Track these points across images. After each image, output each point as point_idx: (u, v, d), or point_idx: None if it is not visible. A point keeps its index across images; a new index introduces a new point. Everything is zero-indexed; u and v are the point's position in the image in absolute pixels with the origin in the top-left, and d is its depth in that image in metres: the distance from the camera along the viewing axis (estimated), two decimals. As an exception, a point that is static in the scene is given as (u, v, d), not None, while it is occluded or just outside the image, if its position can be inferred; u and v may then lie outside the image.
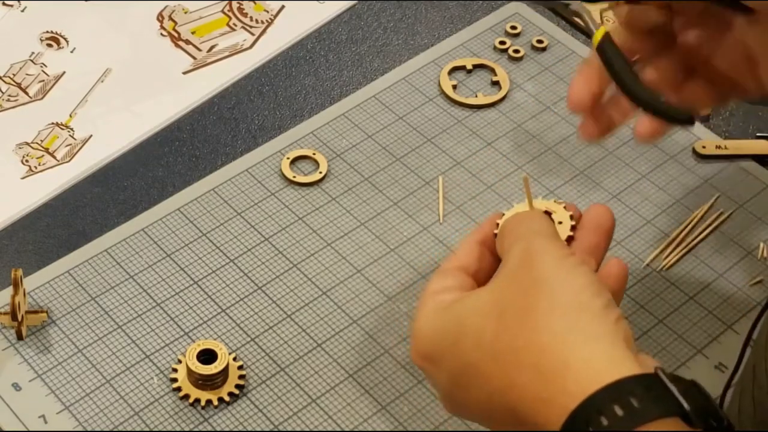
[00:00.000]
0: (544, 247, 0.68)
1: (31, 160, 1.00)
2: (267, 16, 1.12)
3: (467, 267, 0.73)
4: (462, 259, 0.73)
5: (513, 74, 1.08)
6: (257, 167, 1.00)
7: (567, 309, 0.64)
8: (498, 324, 0.65)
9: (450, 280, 0.72)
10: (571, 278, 0.66)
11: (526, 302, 0.65)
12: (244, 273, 0.93)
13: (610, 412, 0.60)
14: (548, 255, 0.67)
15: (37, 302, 0.90)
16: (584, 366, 0.62)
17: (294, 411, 0.85)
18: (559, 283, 0.65)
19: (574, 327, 0.63)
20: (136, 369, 0.87)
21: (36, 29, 1.10)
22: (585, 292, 0.65)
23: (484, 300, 0.68)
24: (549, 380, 0.62)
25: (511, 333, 0.65)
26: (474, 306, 0.68)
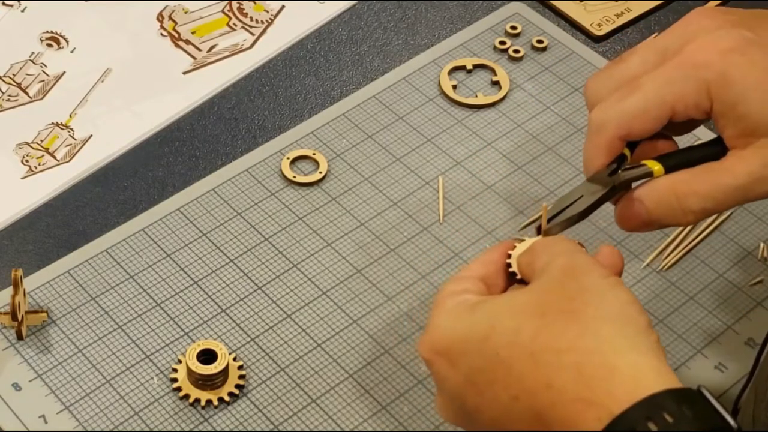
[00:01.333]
0: (587, 262, 0.68)
1: (31, 160, 1.00)
2: (267, 16, 1.12)
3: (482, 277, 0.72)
4: (478, 271, 0.73)
5: (513, 74, 1.08)
6: (257, 167, 1.00)
7: (615, 318, 0.64)
8: (539, 324, 0.65)
9: (469, 284, 0.71)
10: (617, 293, 0.66)
11: (571, 306, 0.65)
12: (244, 273, 0.93)
13: (659, 418, 0.60)
14: (593, 269, 0.67)
15: (37, 302, 0.90)
16: (632, 372, 0.62)
17: (294, 411, 0.85)
18: (607, 294, 0.66)
19: (621, 335, 0.64)
20: (136, 369, 0.87)
21: (36, 29, 1.10)
22: (631, 307, 0.65)
23: (522, 301, 0.67)
24: (593, 382, 0.62)
25: (553, 334, 0.64)
26: (510, 305, 0.67)
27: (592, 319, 0.64)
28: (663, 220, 0.74)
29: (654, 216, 0.74)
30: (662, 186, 0.75)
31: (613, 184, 0.76)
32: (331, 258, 0.94)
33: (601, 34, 1.11)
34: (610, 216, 0.97)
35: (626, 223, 0.76)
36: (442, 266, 0.93)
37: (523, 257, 0.72)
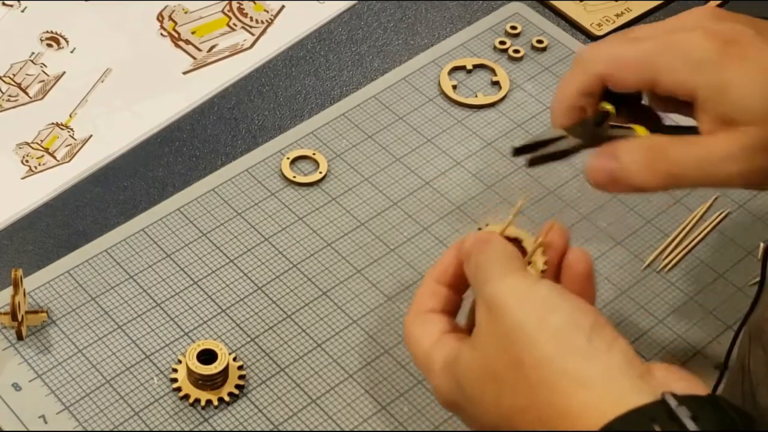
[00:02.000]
0: (506, 289, 0.67)
1: (31, 160, 1.00)
2: (267, 16, 1.12)
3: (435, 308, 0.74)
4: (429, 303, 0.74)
5: (513, 74, 1.08)
6: (257, 167, 1.00)
7: (551, 358, 0.63)
8: (495, 388, 0.66)
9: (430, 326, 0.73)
10: (543, 320, 0.65)
11: (510, 359, 0.65)
12: (244, 273, 0.93)
13: None
14: (512, 298, 0.66)
15: (37, 302, 0.90)
16: (583, 413, 0.62)
17: (294, 411, 0.85)
18: (534, 331, 0.64)
19: (563, 374, 0.63)
20: (136, 369, 0.87)
21: (36, 29, 1.10)
22: (563, 331, 0.64)
23: (474, 365, 0.68)
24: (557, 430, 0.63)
25: (510, 395, 0.65)
26: (467, 372, 0.68)
27: (532, 368, 0.63)
28: (630, 178, 0.74)
29: (623, 172, 0.74)
30: (638, 144, 0.75)
31: (596, 136, 0.76)
32: (331, 258, 0.94)
33: (601, 34, 1.11)
34: (610, 216, 0.97)
35: (595, 176, 0.76)
36: (442, 266, 0.93)
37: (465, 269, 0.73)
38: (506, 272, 0.68)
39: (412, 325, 0.74)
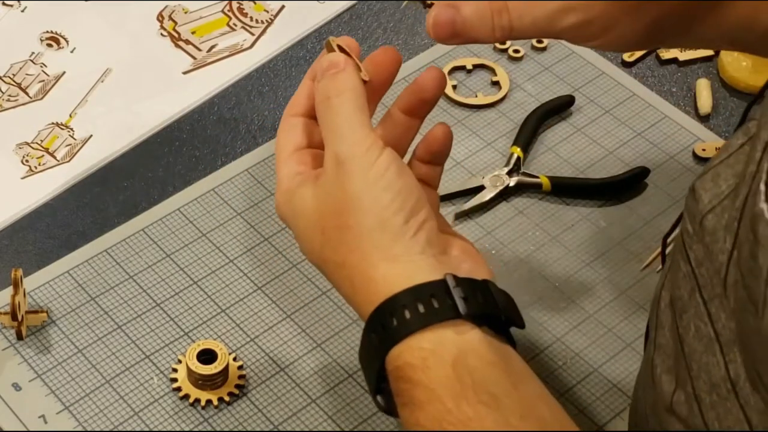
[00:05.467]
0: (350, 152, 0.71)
1: (31, 160, 1.00)
2: (267, 16, 1.12)
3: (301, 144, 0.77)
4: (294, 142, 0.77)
5: (513, 74, 1.08)
6: (257, 167, 1.00)
7: (372, 230, 0.70)
8: (321, 240, 0.73)
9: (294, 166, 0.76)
10: (376, 196, 0.71)
11: (340, 221, 0.71)
12: (244, 273, 0.93)
13: (400, 314, 0.68)
14: (355, 166, 0.71)
15: (37, 302, 0.90)
16: (383, 281, 0.70)
17: (294, 411, 0.85)
18: (366, 204, 0.70)
19: (376, 247, 0.70)
20: (136, 369, 0.87)
21: (36, 29, 1.10)
22: (388, 210, 0.70)
23: (310, 208, 0.73)
24: (359, 292, 0.71)
25: (331, 249, 0.72)
26: (303, 211, 0.74)
27: (355, 234, 0.71)
28: (472, 31, 0.75)
29: (466, 25, 0.75)
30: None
31: None
32: (331, 258, 0.94)
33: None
34: (610, 216, 0.97)
35: (437, 29, 0.76)
36: (442, 266, 0.93)
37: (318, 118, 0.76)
38: (355, 134, 0.72)
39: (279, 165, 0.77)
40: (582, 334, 0.90)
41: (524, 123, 1.03)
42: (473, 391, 0.66)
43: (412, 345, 0.68)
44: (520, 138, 1.02)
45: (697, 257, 0.66)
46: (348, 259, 0.71)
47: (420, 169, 0.78)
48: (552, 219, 0.98)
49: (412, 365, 0.67)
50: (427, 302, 0.68)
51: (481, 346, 0.68)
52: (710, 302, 0.65)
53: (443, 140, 0.78)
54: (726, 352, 0.63)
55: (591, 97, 1.06)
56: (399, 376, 0.68)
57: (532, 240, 0.96)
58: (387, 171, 0.71)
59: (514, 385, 0.67)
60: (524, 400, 0.67)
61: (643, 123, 1.05)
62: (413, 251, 0.70)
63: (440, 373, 0.67)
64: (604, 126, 1.04)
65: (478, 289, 0.70)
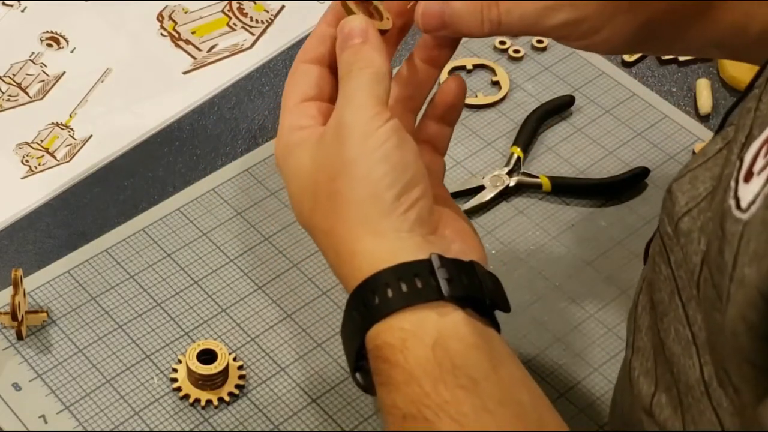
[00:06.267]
0: (352, 119, 0.70)
1: (31, 160, 1.00)
2: (267, 16, 1.12)
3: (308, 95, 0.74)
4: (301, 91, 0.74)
5: (513, 74, 1.08)
6: (257, 167, 1.00)
7: (361, 201, 0.69)
8: (312, 205, 0.71)
9: (296, 118, 0.74)
10: (371, 166, 0.69)
11: (332, 187, 0.70)
12: (244, 273, 0.93)
13: (382, 292, 0.67)
14: (354, 132, 0.69)
15: (37, 302, 0.90)
16: (368, 256, 0.68)
17: (294, 411, 0.85)
18: (360, 172, 0.69)
19: (364, 220, 0.69)
20: (136, 369, 0.87)
21: (36, 29, 1.10)
22: (381, 182, 0.69)
23: (304, 169, 0.71)
24: (343, 264, 0.70)
25: (320, 216, 0.71)
26: (297, 170, 0.72)
27: (345, 203, 0.69)
28: (460, 23, 0.75)
29: (454, 17, 0.75)
30: None
31: None
32: (331, 258, 0.94)
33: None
34: (610, 216, 0.97)
35: (426, 20, 0.75)
36: (442, 266, 0.93)
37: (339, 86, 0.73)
38: (364, 102, 0.70)
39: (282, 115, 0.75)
40: (582, 334, 0.90)
41: (524, 123, 1.03)
42: (452, 374, 0.65)
43: (393, 325, 0.67)
44: (520, 138, 1.02)
45: (676, 259, 0.66)
46: (335, 227, 0.70)
47: (430, 128, 0.77)
48: (552, 219, 0.98)
49: (391, 345, 0.66)
50: (410, 282, 0.67)
51: (463, 328, 0.67)
52: (687, 304, 0.65)
53: (457, 91, 0.76)
54: (701, 354, 0.63)
55: (591, 97, 1.06)
56: (378, 356, 0.67)
57: (532, 240, 0.96)
58: (386, 142, 0.69)
59: (494, 369, 0.66)
60: (504, 385, 0.66)
61: (643, 123, 1.05)
62: (401, 228, 0.69)
63: (419, 354, 0.65)
64: (604, 126, 1.04)
65: (463, 270, 0.69)
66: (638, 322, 0.71)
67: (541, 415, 0.66)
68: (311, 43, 0.75)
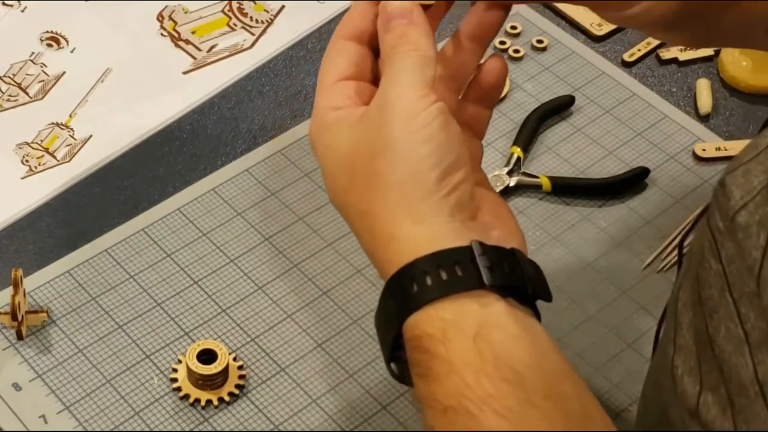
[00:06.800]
0: (397, 99, 0.67)
1: (31, 160, 1.00)
2: (267, 16, 1.12)
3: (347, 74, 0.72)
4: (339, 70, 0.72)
5: (513, 74, 1.08)
6: (257, 167, 1.00)
7: (402, 182, 0.66)
8: (348, 181, 0.69)
9: (333, 98, 0.71)
10: (414, 146, 0.67)
11: (372, 166, 0.67)
12: (245, 273, 0.93)
13: (421, 280, 0.64)
14: (399, 112, 0.67)
15: (37, 302, 0.90)
16: (406, 241, 0.66)
17: (294, 411, 0.85)
18: (404, 151, 0.66)
19: (404, 202, 0.66)
20: (137, 369, 0.87)
21: (36, 29, 1.10)
22: (424, 163, 0.66)
23: (343, 147, 0.69)
24: (380, 247, 0.67)
25: (356, 194, 0.68)
26: (335, 148, 0.70)
27: (384, 182, 0.67)
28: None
29: None
30: None
31: None
32: (331, 258, 0.94)
33: (601, 34, 1.11)
34: (610, 216, 0.97)
35: None
36: (443, 266, 0.93)
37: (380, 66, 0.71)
38: (411, 81, 0.68)
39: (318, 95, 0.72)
40: (583, 334, 0.90)
41: (524, 123, 1.03)
42: (494, 366, 0.62)
43: (432, 314, 0.64)
44: (520, 138, 1.02)
45: (728, 255, 0.64)
46: (372, 207, 0.67)
47: (469, 110, 0.75)
48: (552, 219, 0.97)
49: (430, 335, 0.64)
50: (450, 269, 0.64)
51: (505, 319, 0.64)
52: (739, 301, 0.63)
53: (499, 72, 0.74)
54: (755, 354, 0.61)
55: (591, 97, 1.06)
56: (416, 346, 0.65)
57: (532, 240, 0.96)
58: (431, 123, 0.67)
59: (538, 361, 0.64)
60: (549, 377, 0.64)
61: (643, 123, 1.05)
62: (442, 212, 0.66)
63: (460, 345, 0.63)
64: (604, 126, 1.04)
65: (505, 258, 0.66)
66: (679, 318, 0.68)
67: (585, 408, 0.65)
68: (350, 18, 0.72)
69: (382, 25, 0.70)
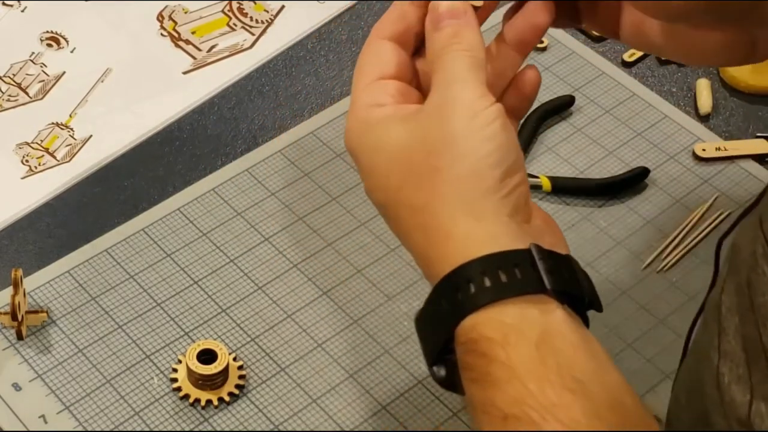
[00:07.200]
0: (459, 96, 0.67)
1: (31, 160, 1.00)
2: (267, 16, 1.12)
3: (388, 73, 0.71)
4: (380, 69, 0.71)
5: (513, 74, 1.08)
6: (257, 167, 1.00)
7: (463, 179, 0.65)
8: (404, 177, 0.67)
9: (375, 96, 0.70)
10: (477, 143, 0.66)
11: (431, 163, 0.66)
12: (245, 273, 0.93)
13: (478, 281, 0.63)
14: (461, 109, 0.66)
15: (37, 302, 0.90)
16: (464, 239, 0.65)
17: (294, 411, 0.85)
18: (465, 148, 0.66)
19: (464, 199, 0.65)
20: (137, 369, 0.87)
21: (36, 29, 1.10)
22: (486, 160, 0.65)
23: (397, 143, 0.68)
24: (434, 245, 0.66)
25: (412, 190, 0.67)
26: (388, 144, 0.68)
27: (444, 179, 0.65)
28: None
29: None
30: None
31: None
32: (331, 258, 0.94)
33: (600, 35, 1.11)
34: (610, 216, 0.97)
35: None
36: (442, 266, 0.93)
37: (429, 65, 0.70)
38: (470, 81, 0.67)
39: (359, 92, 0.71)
40: (582, 334, 0.90)
41: (524, 123, 1.03)
42: (558, 374, 0.61)
43: (492, 317, 0.62)
44: (520, 138, 1.01)
45: None
46: (429, 204, 0.66)
47: None
48: (552, 219, 0.97)
49: (490, 339, 0.62)
50: (509, 272, 0.63)
51: (566, 326, 0.63)
52: None
53: (536, 84, 0.73)
54: None
55: (591, 97, 1.06)
56: (472, 350, 0.63)
57: (532, 240, 0.96)
58: (493, 122, 0.66)
59: (599, 372, 0.62)
60: (610, 388, 0.62)
61: (643, 123, 1.05)
62: (502, 212, 0.65)
63: (522, 352, 0.61)
64: (604, 126, 1.04)
65: (562, 264, 0.65)
66: (724, 324, 0.67)
67: (644, 421, 0.63)
68: (389, 19, 0.72)
69: (432, 24, 0.70)
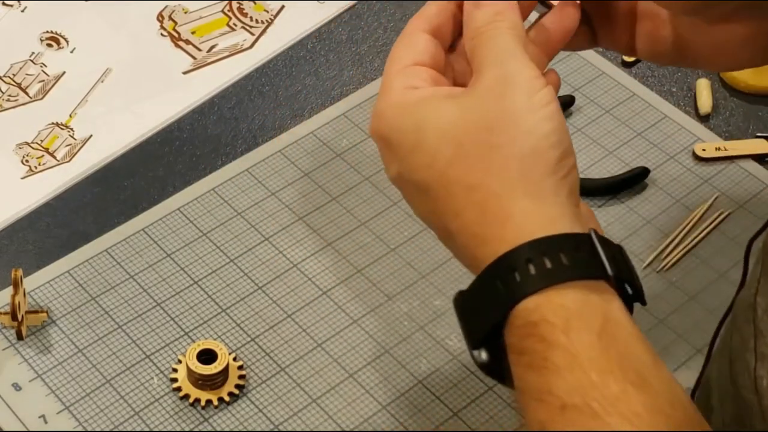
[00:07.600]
0: (518, 73, 0.66)
1: (31, 160, 1.00)
2: (267, 16, 1.12)
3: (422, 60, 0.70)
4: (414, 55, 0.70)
5: (513, 74, 1.08)
6: (257, 167, 1.00)
7: (523, 158, 0.64)
8: (455, 153, 0.65)
9: (410, 79, 0.69)
10: (537, 122, 0.64)
11: (488, 139, 0.64)
12: (244, 273, 0.93)
13: (539, 262, 0.61)
14: (521, 86, 0.65)
15: (37, 302, 0.90)
16: (523, 219, 0.63)
17: (294, 411, 0.85)
18: (525, 126, 0.64)
19: (524, 178, 0.63)
20: (136, 369, 0.87)
21: (36, 29, 1.10)
22: (545, 140, 0.64)
23: (448, 119, 0.66)
24: (490, 223, 0.64)
25: (465, 167, 0.65)
26: (436, 121, 0.66)
27: (502, 156, 0.64)
28: None
29: None
30: None
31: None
32: (331, 258, 0.94)
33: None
34: (610, 216, 0.97)
35: None
36: (442, 266, 0.93)
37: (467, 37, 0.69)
38: (523, 60, 0.66)
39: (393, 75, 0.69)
40: (582, 334, 0.90)
41: (524, 123, 1.03)
42: (620, 367, 0.59)
43: (553, 300, 0.60)
44: None
45: None
46: (485, 181, 0.64)
47: None
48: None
49: (550, 323, 0.60)
50: (571, 255, 0.61)
51: (625, 316, 0.61)
52: None
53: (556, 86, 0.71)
54: None
55: (591, 97, 1.06)
56: (531, 333, 0.60)
57: (532, 240, 0.96)
58: (551, 102, 0.65)
59: (657, 366, 0.60)
60: (668, 384, 0.60)
61: (643, 123, 1.05)
62: (560, 194, 0.63)
63: (585, 339, 0.59)
64: (604, 126, 1.04)
65: (618, 252, 0.64)
66: (759, 326, 0.66)
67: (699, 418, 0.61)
68: (430, 11, 0.71)
69: (472, 5, 0.69)
